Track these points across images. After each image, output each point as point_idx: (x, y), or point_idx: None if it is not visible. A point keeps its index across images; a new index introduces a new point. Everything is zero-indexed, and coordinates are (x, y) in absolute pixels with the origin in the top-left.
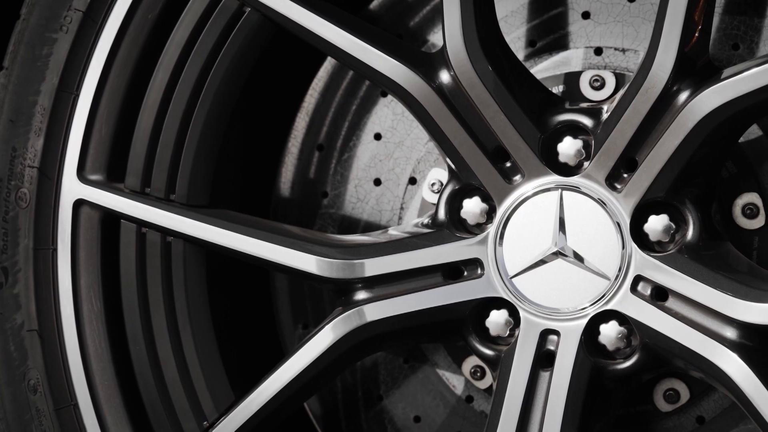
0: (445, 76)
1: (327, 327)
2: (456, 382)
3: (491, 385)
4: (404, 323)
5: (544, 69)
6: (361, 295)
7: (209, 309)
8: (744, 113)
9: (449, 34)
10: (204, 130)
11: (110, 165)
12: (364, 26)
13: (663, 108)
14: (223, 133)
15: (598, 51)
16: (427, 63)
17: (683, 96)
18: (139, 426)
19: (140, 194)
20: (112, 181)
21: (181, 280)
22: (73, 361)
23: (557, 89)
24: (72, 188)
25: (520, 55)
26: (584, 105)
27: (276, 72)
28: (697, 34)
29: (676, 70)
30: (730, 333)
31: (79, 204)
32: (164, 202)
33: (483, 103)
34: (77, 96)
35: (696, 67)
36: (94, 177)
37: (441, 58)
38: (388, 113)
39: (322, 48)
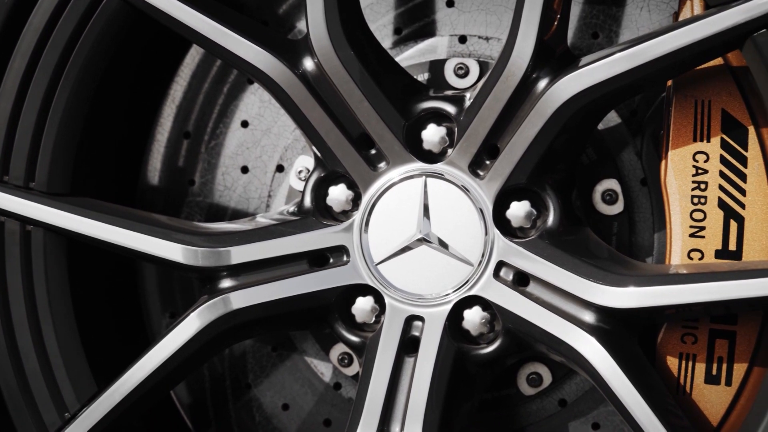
0: (309, 63)
1: (193, 314)
2: (324, 370)
3: (359, 372)
4: (270, 311)
5: (409, 57)
6: (227, 282)
7: (71, 299)
8: (601, 100)
9: (312, 20)
10: (64, 117)
11: None
12: (228, 12)
13: (523, 95)
14: (83, 121)
15: (463, 39)
16: (291, 50)
17: (542, 83)
18: None
19: None
20: None
21: (41, 270)
22: None
23: (423, 77)
24: None
25: (386, 42)
26: (448, 92)
27: (141, 59)
28: (556, 23)
29: (535, 58)
30: (588, 317)
31: None
32: (23, 190)
33: (347, 91)
34: None
35: (555, 55)
36: None
37: (305, 45)
38: (255, 100)
39: (186, 35)
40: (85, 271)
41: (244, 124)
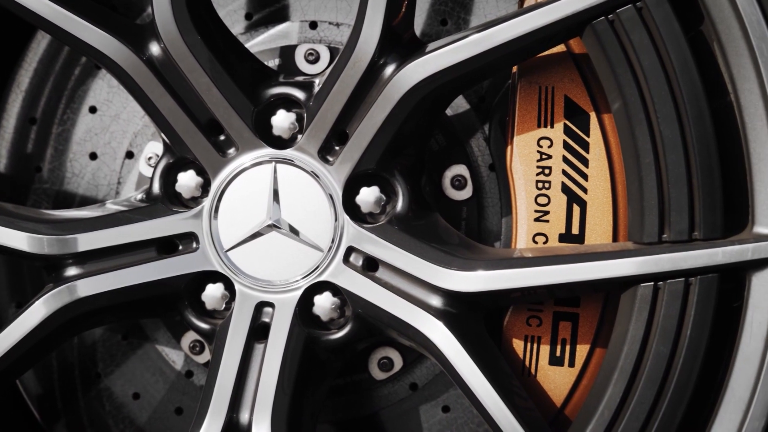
0: (155, 48)
1: (38, 303)
2: (176, 358)
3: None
4: (118, 299)
5: (260, 42)
6: (73, 270)
7: None
8: (447, 86)
9: (157, 5)
10: None
11: None
12: None
13: (370, 81)
14: None
15: (313, 25)
16: (138, 34)
17: (389, 69)
18: None
19: None
20: None
21: None
22: None
23: (273, 63)
24: None
25: (237, 28)
26: (298, 78)
27: None
28: (403, 9)
29: (381, 44)
30: (436, 301)
31: None
32: None
33: (194, 76)
34: None
35: (402, 41)
36: None
37: (151, 30)
38: (103, 86)
39: (30, 20)
40: None
41: (93, 109)
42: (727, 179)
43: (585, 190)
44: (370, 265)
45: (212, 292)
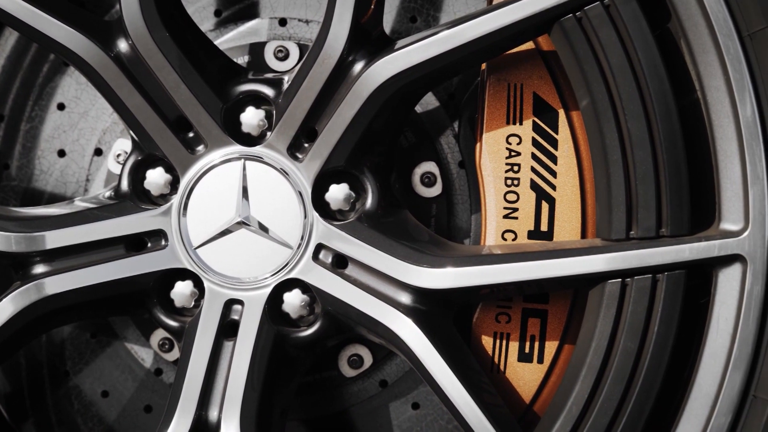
0: (123, 45)
1: (4, 301)
2: (145, 356)
3: None
4: (87, 296)
5: (230, 39)
6: (41, 268)
7: None
8: (417, 83)
9: (125, 1)
10: None
11: None
12: None
13: (339, 78)
14: None
15: (283, 22)
16: (106, 31)
17: (358, 66)
18: None
19: None
20: None
21: None
22: None
23: (243, 60)
24: None
25: (206, 25)
26: (267, 75)
27: None
28: (372, 6)
29: (350, 40)
30: (405, 298)
31: None
32: None
33: (163, 73)
34: None
35: (371, 38)
36: None
37: (119, 27)
38: (71, 83)
39: None
40: None
41: (61, 106)
42: (694, 176)
43: (554, 187)
44: (340, 263)
45: (181, 290)
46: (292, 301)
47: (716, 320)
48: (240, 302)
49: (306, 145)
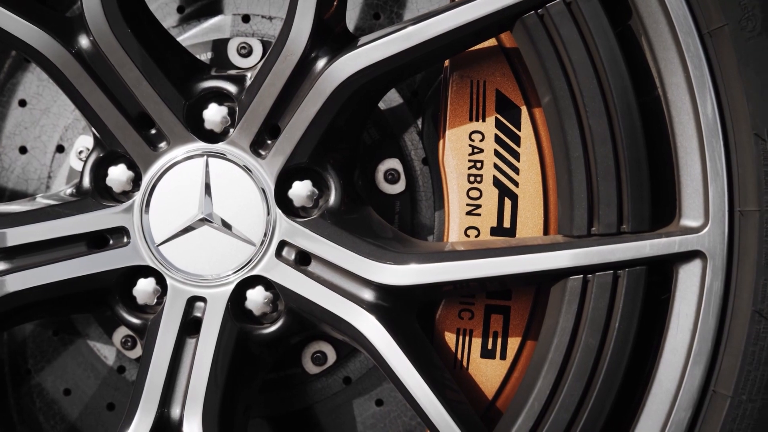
0: (84, 41)
1: None
2: (107, 353)
3: None
4: (48, 294)
5: (193, 36)
6: (1, 265)
7: None
8: (379, 80)
9: None
10: None
11: None
12: None
13: (302, 75)
14: None
15: (246, 18)
16: (66, 27)
17: (321, 63)
18: None
19: None
20: None
21: None
22: None
23: (206, 56)
24: None
25: (169, 21)
26: (230, 72)
27: None
28: (335, 3)
29: (313, 37)
30: (368, 295)
31: None
32: None
33: (124, 69)
34: None
35: (333, 34)
36: None
37: (80, 23)
38: (33, 79)
39: None
40: None
41: (22, 103)
42: (655, 173)
43: (516, 184)
44: (303, 259)
45: (143, 287)
46: (255, 298)
47: (676, 316)
48: (203, 299)
49: (269, 141)
